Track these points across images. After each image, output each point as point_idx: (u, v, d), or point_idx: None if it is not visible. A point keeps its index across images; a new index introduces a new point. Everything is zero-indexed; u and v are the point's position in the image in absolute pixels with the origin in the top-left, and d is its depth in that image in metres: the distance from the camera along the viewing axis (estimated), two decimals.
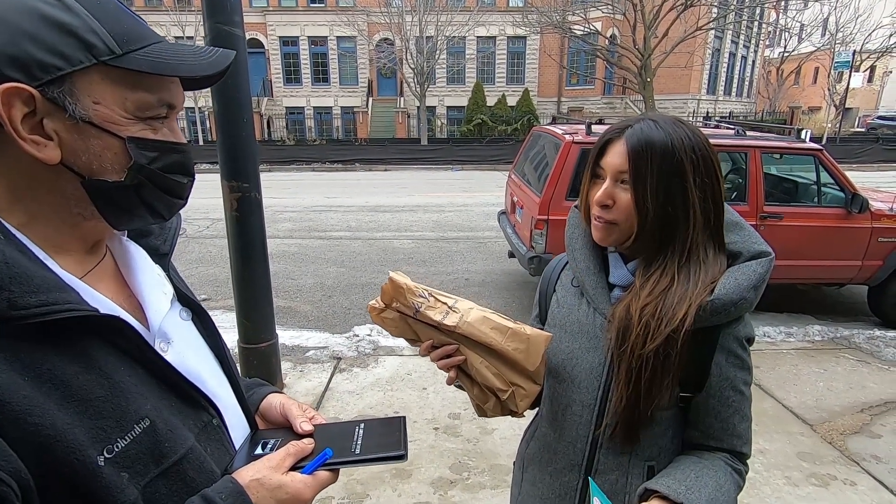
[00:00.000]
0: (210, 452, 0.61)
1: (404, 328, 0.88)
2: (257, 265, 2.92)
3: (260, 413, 0.79)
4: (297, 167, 15.75)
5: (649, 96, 15.22)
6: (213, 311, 4.68)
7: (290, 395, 2.71)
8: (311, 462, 0.64)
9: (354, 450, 0.67)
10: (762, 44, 28.39)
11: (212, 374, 0.68)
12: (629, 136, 0.84)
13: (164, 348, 0.61)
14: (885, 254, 4.17)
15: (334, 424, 0.75)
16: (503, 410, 0.92)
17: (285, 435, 0.71)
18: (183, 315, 0.68)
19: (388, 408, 3.03)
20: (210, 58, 0.58)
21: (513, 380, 0.88)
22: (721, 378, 0.85)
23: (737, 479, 0.87)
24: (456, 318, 0.85)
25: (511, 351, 0.85)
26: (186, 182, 0.62)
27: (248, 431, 0.72)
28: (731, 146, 4.26)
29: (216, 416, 0.64)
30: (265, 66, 24.42)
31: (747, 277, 0.83)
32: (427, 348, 0.89)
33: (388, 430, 0.71)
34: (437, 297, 0.87)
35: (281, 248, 6.77)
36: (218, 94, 2.65)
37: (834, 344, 3.95)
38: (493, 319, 0.87)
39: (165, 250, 0.71)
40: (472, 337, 0.85)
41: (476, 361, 0.87)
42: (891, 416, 2.99)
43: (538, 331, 0.89)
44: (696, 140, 0.83)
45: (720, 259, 0.86)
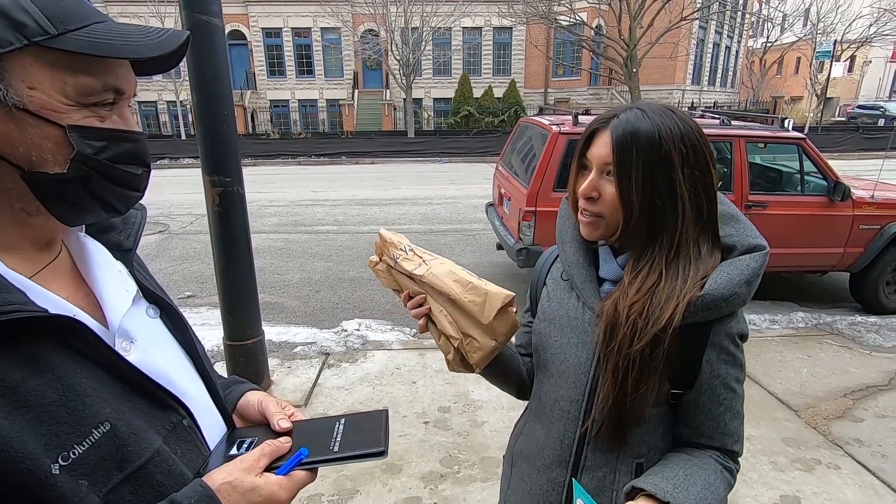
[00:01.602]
0: (181, 454, 0.58)
1: (390, 280, 1.00)
2: (241, 261, 2.87)
3: (238, 412, 0.76)
4: (283, 161, 15.56)
5: (635, 87, 15.26)
6: (198, 308, 4.62)
7: (278, 392, 2.68)
8: (287, 462, 0.61)
9: (333, 447, 0.65)
10: (745, 34, 28.61)
11: (182, 372, 0.65)
12: (615, 127, 0.81)
13: (126, 348, 0.58)
14: (866, 241, 4.24)
15: (314, 420, 0.72)
16: (463, 364, 0.97)
17: (263, 433, 0.68)
18: (150, 313, 0.65)
19: (377, 402, 3.01)
20: (159, 38, 0.53)
21: (467, 331, 0.92)
22: (712, 375, 0.83)
23: (727, 477, 0.85)
24: (424, 269, 0.92)
25: (467, 303, 0.89)
26: (141, 173, 0.58)
27: (224, 431, 0.70)
28: (716, 136, 4.27)
29: (187, 417, 0.61)
30: (248, 58, 24.03)
31: (740, 272, 0.80)
32: (405, 298, 0.96)
33: (369, 426, 0.69)
34: (417, 252, 0.96)
35: (267, 243, 6.69)
36: (197, 87, 2.58)
37: (817, 330, 4.02)
38: (458, 274, 0.92)
39: (129, 245, 0.67)
40: (434, 287, 0.91)
41: (437, 310, 0.93)
42: (872, 400, 3.05)
43: (500, 289, 0.91)
44: (686, 130, 0.80)
45: (714, 254, 0.83)
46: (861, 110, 26.13)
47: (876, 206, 4.21)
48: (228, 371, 3.05)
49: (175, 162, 15.01)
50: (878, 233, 4.22)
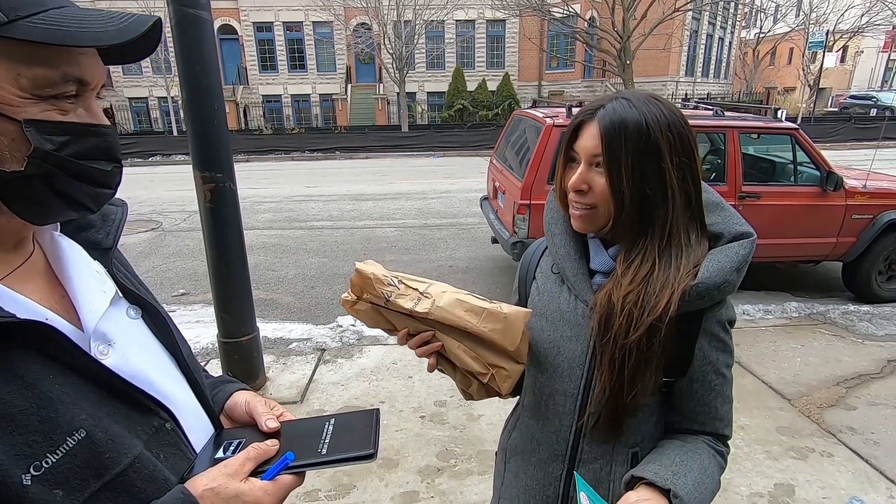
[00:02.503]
0: (164, 459, 0.56)
1: (378, 318, 0.86)
2: (234, 257, 2.85)
3: (225, 412, 0.75)
4: (276, 157, 15.47)
5: (629, 79, 15.23)
6: (193, 306, 4.59)
7: (274, 389, 2.66)
8: (273, 466, 0.60)
9: (321, 450, 0.63)
10: (738, 25, 28.61)
11: (165, 374, 0.63)
12: (601, 118, 0.80)
13: (103, 351, 0.56)
14: (859, 230, 4.26)
15: (303, 421, 0.71)
16: (488, 393, 0.90)
17: (251, 435, 0.67)
18: (131, 314, 0.63)
19: (373, 398, 3.01)
20: (122, 23, 0.50)
21: (493, 361, 0.85)
22: (705, 362, 0.84)
23: (719, 460, 0.86)
24: (428, 304, 0.81)
25: (488, 332, 0.81)
26: (111, 169, 0.56)
27: (211, 433, 0.68)
28: (710, 127, 4.28)
29: (170, 420, 0.59)
30: (239, 52, 23.81)
31: (730, 260, 0.81)
32: (404, 337, 0.86)
33: (359, 426, 0.68)
34: (408, 283, 0.84)
35: (261, 239, 6.65)
36: (186, 81, 2.55)
37: (810, 320, 4.04)
38: (468, 301, 0.83)
39: (108, 244, 0.65)
40: (446, 322, 0.81)
41: (453, 346, 0.83)
42: (865, 388, 3.08)
43: (516, 308, 0.85)
44: (672, 118, 0.80)
45: (703, 242, 0.84)
46: (853, 100, 26.23)
47: (868, 196, 4.23)
48: (223, 368, 3.04)
49: (167, 158, 14.89)
50: (871, 222, 4.24)
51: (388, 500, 2.23)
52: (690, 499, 0.75)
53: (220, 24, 23.32)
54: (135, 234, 7.09)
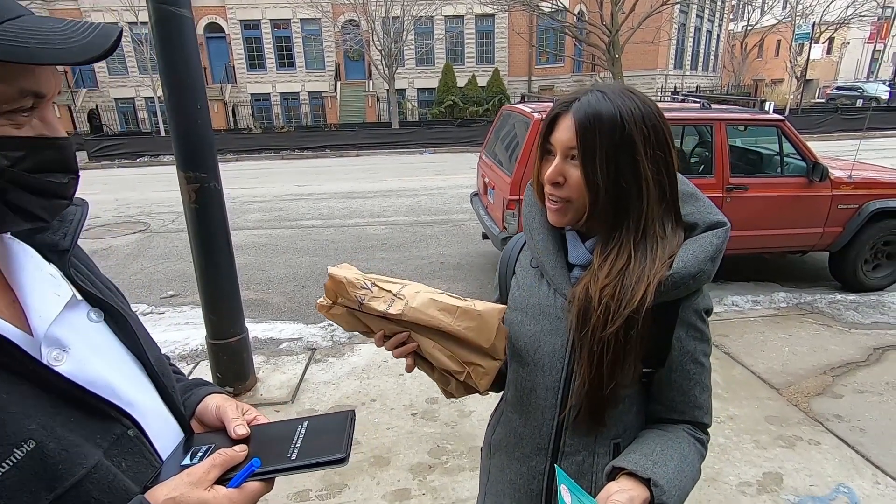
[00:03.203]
0: (126, 468, 0.55)
1: (354, 322, 0.86)
2: (221, 258, 2.82)
3: (196, 417, 0.73)
4: (266, 156, 15.36)
5: (618, 73, 15.25)
6: (182, 307, 4.56)
7: (264, 389, 2.64)
8: (238, 474, 0.58)
9: (291, 454, 0.62)
10: (726, 18, 28.73)
11: (129, 379, 0.61)
12: (576, 110, 0.80)
13: (57, 357, 0.54)
14: (845, 220, 4.31)
15: (274, 424, 0.70)
16: (467, 390, 0.90)
17: (222, 440, 0.65)
18: (92, 316, 0.61)
19: (364, 396, 3.00)
20: (85, 38, 0.49)
21: (469, 359, 0.85)
22: (682, 352, 0.84)
23: (699, 448, 0.87)
24: (401, 305, 0.81)
25: (462, 330, 0.81)
26: (67, 181, 0.54)
27: (180, 439, 0.66)
28: (697, 119, 4.30)
29: (133, 427, 0.58)
30: (227, 51, 23.58)
31: (704, 249, 0.81)
32: (380, 339, 0.86)
33: (332, 429, 0.66)
34: (381, 285, 0.83)
35: (251, 239, 6.61)
36: (168, 81, 2.51)
37: (798, 310, 4.08)
38: (441, 301, 0.83)
39: (66, 246, 0.63)
40: (420, 322, 0.81)
41: (429, 346, 0.84)
42: (851, 376, 3.11)
43: (490, 305, 0.85)
44: (647, 110, 0.80)
45: (678, 232, 0.84)
46: (840, 91, 26.51)
47: (853, 186, 4.27)
48: (212, 370, 3.02)
49: (155, 159, 14.74)
50: (856, 212, 4.28)
51: (380, 498, 2.23)
52: (670, 487, 0.75)
53: (207, 23, 23.09)
54: (123, 235, 7.02)
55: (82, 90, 22.75)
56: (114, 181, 11.75)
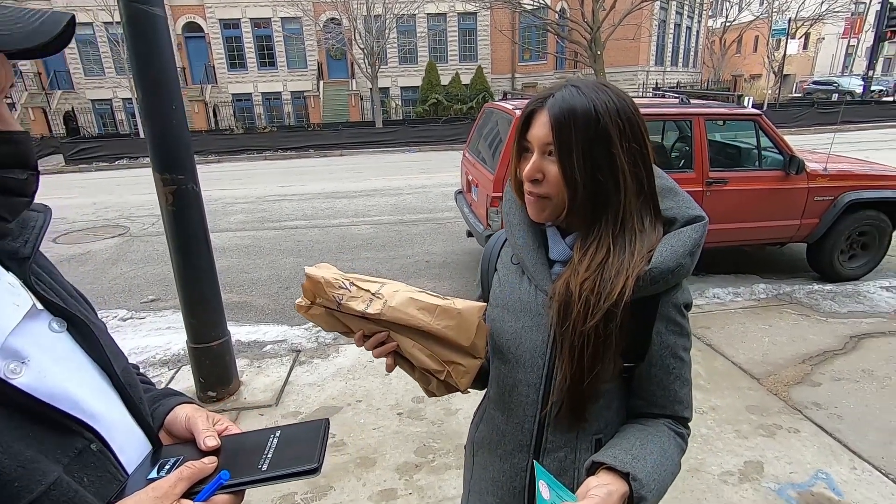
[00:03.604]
0: (88, 483, 0.53)
1: (333, 322, 0.85)
2: (201, 260, 2.78)
3: (165, 428, 0.71)
4: (249, 156, 15.17)
5: (600, 69, 15.37)
6: (163, 312, 4.48)
7: (248, 393, 2.60)
8: (206, 487, 0.57)
9: (261, 465, 0.60)
10: (705, 14, 29.12)
11: (92, 391, 0.59)
12: (551, 106, 0.80)
13: (14, 370, 0.52)
14: (821, 212, 4.39)
15: (246, 434, 0.68)
16: (448, 389, 0.90)
17: (191, 452, 0.64)
18: (54, 327, 0.59)
19: (350, 397, 2.98)
20: (33, 23, 0.47)
21: (449, 358, 0.84)
22: (662, 346, 0.84)
23: (680, 442, 0.87)
24: (379, 304, 0.80)
25: (442, 329, 0.81)
26: (27, 177, 0.52)
27: (147, 452, 0.64)
28: (677, 115, 4.35)
29: (96, 440, 0.56)
30: (207, 51, 23.22)
31: (683, 244, 0.81)
32: (360, 339, 0.86)
33: (305, 438, 0.65)
34: (360, 284, 0.82)
35: (233, 241, 6.53)
36: (141, 81, 2.46)
37: (777, 300, 4.16)
38: (420, 299, 0.82)
39: (26, 253, 0.60)
40: (399, 322, 0.81)
41: (408, 345, 0.83)
42: (829, 364, 3.18)
43: (470, 303, 0.85)
44: (621, 104, 0.80)
45: (657, 226, 0.84)
46: (816, 86, 27.06)
47: (829, 178, 4.35)
48: (195, 375, 2.97)
49: (134, 161, 14.47)
50: (832, 203, 4.37)
51: (366, 499, 2.21)
52: (649, 480, 0.76)
53: (186, 22, 22.71)
54: (101, 240, 6.88)
55: (57, 92, 22.22)
56: (91, 184, 11.50)
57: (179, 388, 3.17)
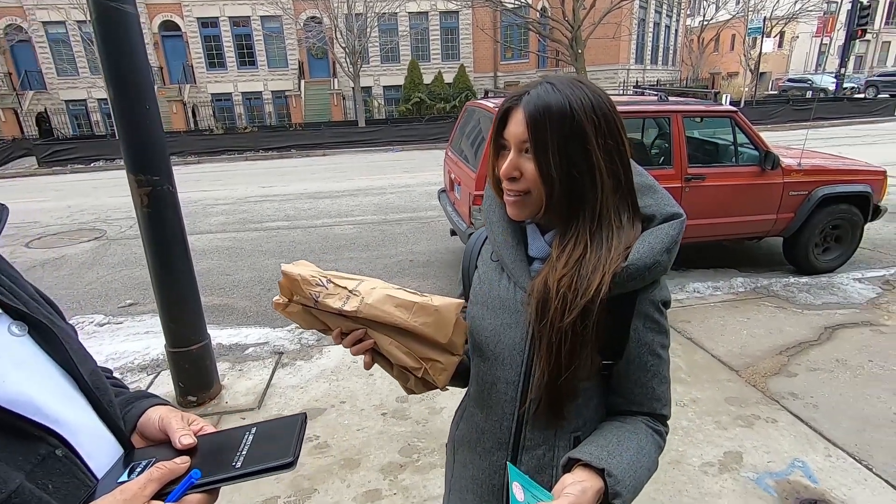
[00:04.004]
0: (53, 490, 0.51)
1: (311, 320, 0.85)
2: (178, 263, 2.73)
3: (138, 431, 0.69)
4: (229, 157, 14.96)
5: (581, 68, 15.49)
6: (141, 316, 4.39)
7: (230, 397, 2.56)
8: (177, 487, 0.56)
9: (236, 463, 0.59)
10: (683, 13, 29.55)
11: (56, 395, 0.58)
12: (526, 104, 0.79)
13: None
14: (796, 206, 4.49)
15: (222, 433, 0.67)
16: (426, 386, 0.89)
17: (164, 454, 0.62)
18: (14, 330, 0.57)
19: (334, 398, 2.96)
20: None
21: (427, 355, 0.84)
22: (639, 343, 0.84)
23: (657, 440, 0.87)
24: (356, 302, 0.80)
25: (419, 326, 0.81)
26: None
27: (119, 456, 0.63)
28: (655, 112, 4.40)
29: (61, 446, 0.54)
30: (184, 50, 22.82)
31: (660, 241, 0.81)
32: (338, 336, 0.85)
33: (281, 434, 0.65)
34: (337, 282, 0.82)
35: (214, 243, 6.43)
36: (113, 80, 2.40)
37: (755, 294, 4.24)
38: (397, 296, 0.81)
39: None
40: (376, 319, 0.80)
41: (385, 343, 0.83)
42: (804, 355, 3.25)
43: (448, 300, 0.84)
44: (597, 100, 0.80)
45: (635, 223, 0.84)
46: (791, 83, 27.69)
47: (803, 173, 4.45)
48: (174, 380, 2.92)
49: (111, 163, 14.17)
50: (806, 198, 4.47)
51: (350, 500, 2.20)
52: (625, 476, 0.76)
53: (162, 21, 22.30)
54: (76, 244, 6.71)
55: (29, 92, 21.63)
56: (66, 187, 11.22)
57: (159, 394, 3.12)
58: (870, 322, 3.64)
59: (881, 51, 39.83)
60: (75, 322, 4.29)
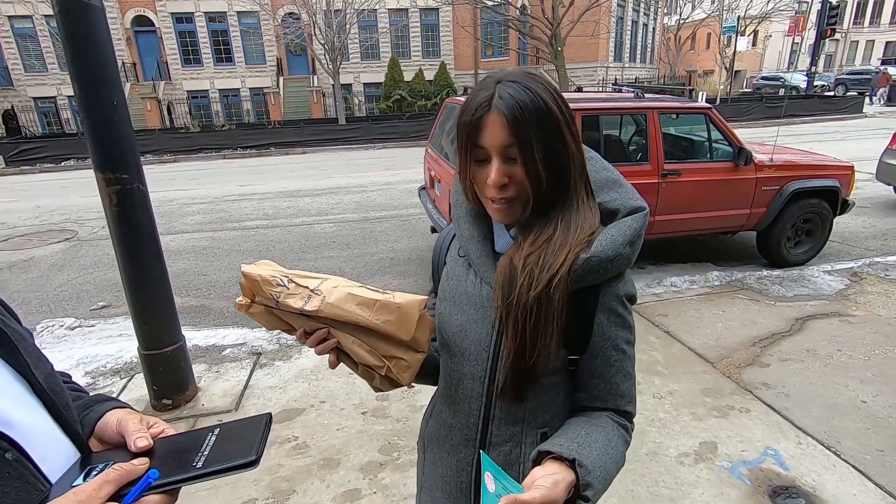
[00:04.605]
0: (3, 494, 0.50)
1: (274, 320, 0.83)
2: (150, 263, 2.66)
3: (96, 435, 0.68)
4: (206, 155, 14.68)
5: (561, 65, 15.61)
6: (114, 318, 4.28)
7: (206, 399, 2.52)
8: (134, 488, 0.55)
9: (196, 463, 0.59)
10: (660, 11, 29.99)
11: (9, 398, 0.56)
12: (503, 108, 0.76)
13: None
14: (768, 201, 4.60)
15: (184, 434, 0.66)
16: (392, 384, 0.88)
17: (122, 456, 0.61)
18: None
19: (313, 398, 2.93)
20: None
21: (391, 353, 0.83)
22: (603, 338, 0.84)
23: (623, 434, 0.87)
24: (317, 301, 0.79)
25: (381, 324, 0.80)
26: None
27: (75, 460, 0.61)
28: (632, 108, 4.45)
29: (11, 449, 0.53)
30: (158, 46, 22.29)
31: (623, 233, 0.81)
32: (302, 336, 0.83)
33: (245, 433, 0.64)
34: (299, 281, 0.81)
35: (190, 243, 6.29)
36: (77, 75, 2.32)
37: (730, 287, 4.33)
38: (359, 294, 0.81)
39: None
40: (338, 318, 0.79)
41: (348, 342, 0.81)
42: (777, 346, 3.33)
43: (410, 297, 0.83)
44: (553, 89, 0.80)
45: (593, 205, 0.85)
46: (764, 81, 28.37)
47: (775, 169, 4.56)
48: (147, 383, 2.85)
49: (82, 162, 13.75)
50: (778, 192, 4.57)
51: (330, 501, 2.18)
52: (595, 467, 0.76)
53: (135, 16, 21.74)
54: (46, 245, 6.51)
55: None
56: (35, 187, 10.87)
57: (133, 397, 3.05)
58: (839, 313, 3.75)
59: (850, 50, 41.07)
60: (44, 326, 4.16)
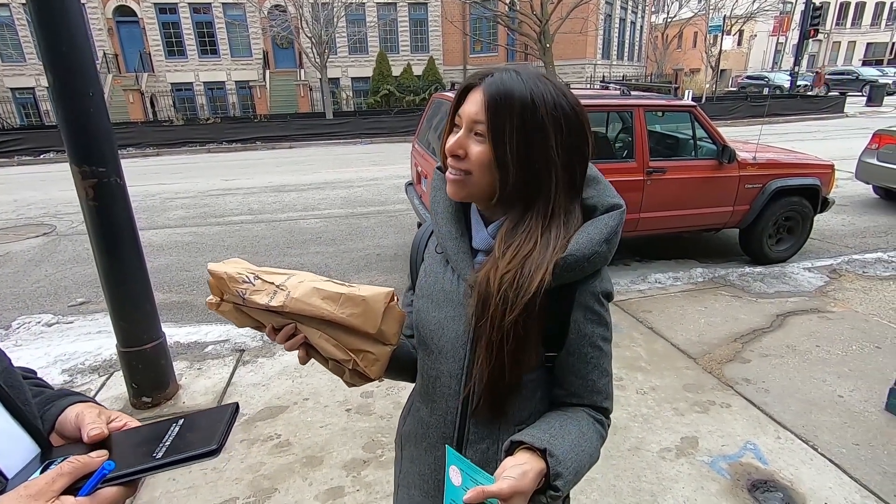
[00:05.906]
0: None
1: (243, 317, 0.84)
2: (128, 259, 2.60)
3: (57, 430, 0.66)
4: (190, 149, 14.45)
5: (549, 61, 15.63)
6: (94, 315, 4.20)
7: (187, 397, 2.49)
8: (89, 481, 0.53)
9: (157, 454, 0.57)
10: (648, 10, 30.18)
11: None
12: (488, 85, 0.77)
13: None
14: (751, 199, 4.65)
15: (147, 425, 0.65)
16: (361, 378, 0.88)
17: (83, 450, 0.59)
18: None
19: (297, 395, 2.90)
20: None
21: (358, 346, 0.82)
22: (579, 335, 0.84)
23: (599, 429, 0.87)
24: (283, 297, 0.79)
25: (347, 317, 0.79)
26: None
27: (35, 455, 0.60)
28: (618, 106, 4.47)
29: None
30: (141, 37, 21.86)
31: (599, 231, 0.81)
32: (270, 333, 0.83)
33: (209, 423, 0.63)
34: (265, 277, 0.81)
35: (173, 238, 6.19)
36: (51, 64, 2.25)
37: (713, 283, 4.38)
38: (324, 289, 0.80)
39: None
40: (303, 313, 0.79)
41: (315, 336, 0.81)
42: (757, 342, 3.38)
43: (376, 289, 0.82)
44: (560, 98, 0.78)
45: (578, 215, 0.84)
46: (749, 80, 28.74)
47: (758, 167, 4.61)
48: (126, 380, 2.80)
49: (61, 155, 13.44)
50: (760, 190, 4.63)
51: (312, 499, 2.16)
52: (566, 458, 0.75)
53: (117, 5, 21.27)
54: (23, 240, 6.36)
55: None
56: (12, 180, 10.61)
57: (112, 395, 2.99)
58: (818, 309, 3.81)
59: (832, 50, 41.79)
60: (21, 322, 4.06)
